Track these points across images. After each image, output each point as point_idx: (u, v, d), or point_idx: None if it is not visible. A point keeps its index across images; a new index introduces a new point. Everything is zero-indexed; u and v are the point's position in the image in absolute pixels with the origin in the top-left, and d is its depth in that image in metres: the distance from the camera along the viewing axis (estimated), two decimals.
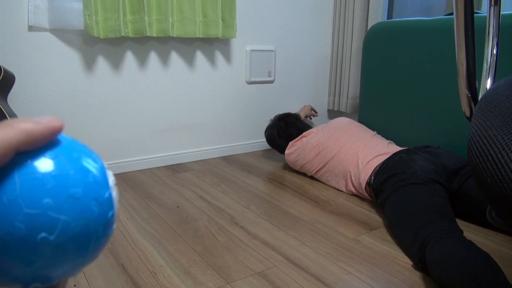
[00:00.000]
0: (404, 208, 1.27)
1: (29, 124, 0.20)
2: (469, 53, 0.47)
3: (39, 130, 0.21)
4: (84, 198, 0.22)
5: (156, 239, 1.30)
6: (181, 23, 1.89)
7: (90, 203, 0.22)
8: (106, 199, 0.23)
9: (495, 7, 0.59)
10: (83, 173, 0.22)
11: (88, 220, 0.22)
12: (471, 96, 0.51)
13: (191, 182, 1.84)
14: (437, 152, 1.48)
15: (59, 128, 0.22)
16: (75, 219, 0.21)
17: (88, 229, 0.22)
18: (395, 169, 1.42)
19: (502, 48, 1.36)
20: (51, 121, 0.21)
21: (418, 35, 1.77)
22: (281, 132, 2.02)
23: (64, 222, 0.21)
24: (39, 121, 0.21)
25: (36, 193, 0.20)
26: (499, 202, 0.34)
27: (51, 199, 0.20)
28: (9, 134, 0.19)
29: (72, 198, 0.21)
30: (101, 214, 0.22)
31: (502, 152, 0.33)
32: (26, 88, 1.68)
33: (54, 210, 0.20)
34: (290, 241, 1.28)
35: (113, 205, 0.24)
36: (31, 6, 1.60)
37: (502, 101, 0.38)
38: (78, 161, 0.22)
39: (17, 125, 0.20)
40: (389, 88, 1.94)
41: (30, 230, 0.20)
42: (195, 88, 2.11)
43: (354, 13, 2.31)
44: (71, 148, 0.23)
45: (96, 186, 0.22)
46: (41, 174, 0.21)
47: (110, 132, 1.91)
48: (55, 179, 0.21)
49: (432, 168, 1.36)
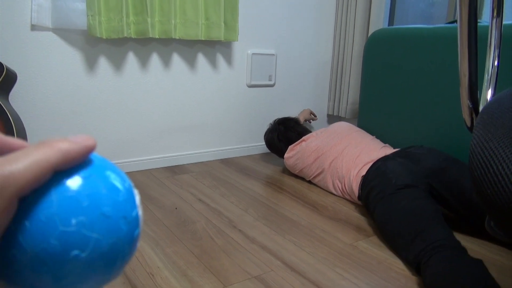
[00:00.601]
0: (390, 222, 1.28)
1: (66, 144, 0.21)
2: (472, 63, 0.48)
3: (76, 150, 0.21)
4: (115, 216, 0.22)
5: (154, 240, 1.30)
6: (184, 25, 1.90)
7: (119, 222, 0.22)
8: (133, 218, 0.23)
9: (497, 19, 0.60)
10: (113, 192, 0.23)
11: (117, 239, 0.22)
12: (473, 106, 0.52)
13: (190, 184, 1.84)
14: (418, 154, 1.48)
15: (93, 147, 0.22)
16: (105, 237, 0.21)
17: (116, 247, 0.22)
18: (372, 181, 1.44)
19: (503, 59, 1.36)
20: (86, 140, 0.22)
21: (419, 43, 1.78)
22: (281, 136, 2.02)
23: (96, 240, 0.21)
24: (75, 140, 0.22)
25: (71, 211, 0.21)
26: (499, 213, 0.35)
27: (85, 217, 0.21)
28: (48, 154, 0.20)
29: (103, 217, 0.22)
30: (128, 233, 0.23)
31: (503, 164, 0.34)
32: (27, 87, 1.68)
33: (87, 228, 0.21)
34: (287, 246, 1.28)
35: (139, 224, 0.24)
36: (35, 5, 1.60)
37: (504, 114, 0.38)
38: (109, 180, 0.23)
39: (56, 145, 0.21)
40: (389, 95, 1.95)
41: (64, 247, 0.20)
42: (195, 90, 2.11)
43: (355, 19, 2.33)
44: (102, 167, 0.23)
45: (125, 205, 0.23)
46: (76, 193, 0.21)
47: (110, 132, 1.91)
48: (88, 198, 0.21)
49: (406, 173, 1.37)
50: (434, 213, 1.20)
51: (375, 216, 1.37)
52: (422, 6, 2.58)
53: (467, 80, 0.50)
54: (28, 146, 0.21)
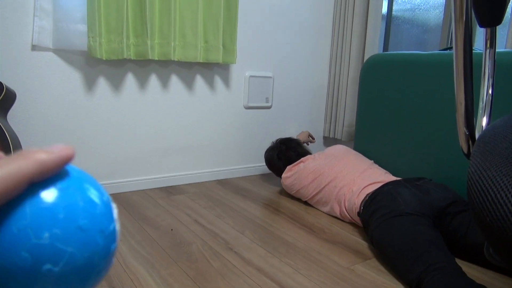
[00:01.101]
0: (392, 242, 1.28)
1: (43, 155, 0.20)
2: (468, 92, 0.49)
3: (53, 160, 0.21)
4: (91, 230, 0.21)
5: (149, 262, 1.28)
6: (183, 48, 1.93)
7: (96, 236, 0.22)
8: (110, 232, 0.23)
9: (490, 50, 0.62)
10: (91, 205, 0.22)
11: (92, 253, 0.21)
12: (469, 133, 0.53)
13: (186, 205, 1.83)
14: (427, 188, 1.48)
15: (70, 156, 0.22)
16: (81, 251, 0.21)
17: (91, 261, 0.21)
18: (380, 202, 1.44)
19: (497, 84, 1.40)
20: (63, 150, 0.21)
21: (414, 68, 1.82)
22: (281, 155, 2.04)
23: (70, 254, 0.20)
24: (51, 151, 0.21)
25: (46, 223, 0.20)
26: (498, 240, 0.35)
27: (59, 230, 0.20)
28: (23, 166, 0.19)
29: (80, 230, 0.21)
30: (105, 247, 0.22)
31: (501, 192, 0.35)
32: (26, 106, 1.68)
33: (61, 241, 0.20)
34: (284, 268, 1.27)
35: (115, 238, 0.24)
36: (37, 26, 1.62)
37: (500, 142, 0.40)
38: (87, 193, 0.22)
39: (32, 156, 0.20)
40: (385, 118, 1.97)
41: (36, 261, 0.19)
42: (193, 111, 2.13)
43: (351, 44, 2.38)
44: (80, 179, 0.23)
45: (102, 219, 0.22)
46: (51, 204, 0.20)
47: (106, 151, 1.91)
48: (64, 210, 0.21)
49: (416, 205, 1.37)
50: (436, 239, 1.21)
51: (375, 235, 1.36)
52: (415, 32, 2.65)
53: (463, 108, 0.51)
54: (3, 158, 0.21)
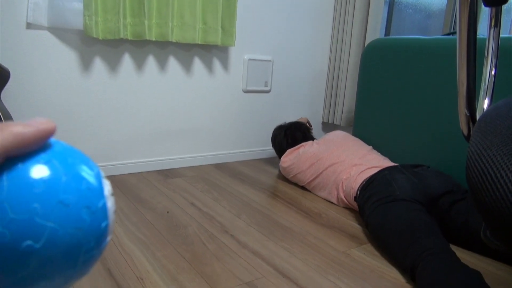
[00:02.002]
0: (386, 227, 1.28)
1: (19, 127, 0.19)
2: (470, 73, 0.48)
3: (30, 133, 0.20)
4: (75, 205, 0.20)
5: (145, 244, 1.28)
6: (181, 29, 1.89)
7: (81, 211, 0.21)
8: (99, 209, 0.22)
9: (495, 29, 0.60)
10: (76, 179, 0.21)
11: (78, 229, 0.20)
12: (470, 115, 0.52)
13: (183, 188, 1.82)
14: (424, 175, 1.47)
15: (51, 130, 0.21)
16: (63, 227, 0.20)
17: (77, 238, 0.20)
18: (375, 187, 1.44)
19: (500, 69, 1.38)
20: (42, 124, 0.20)
21: (415, 53, 1.80)
22: (288, 132, 2.05)
23: (52, 230, 0.19)
24: (30, 124, 0.20)
25: (24, 197, 0.19)
26: (496, 221, 0.34)
27: (39, 204, 0.19)
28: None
29: (61, 205, 0.20)
30: (93, 224, 0.21)
31: (501, 172, 0.34)
32: (21, 85, 1.66)
33: (41, 217, 0.19)
34: (280, 252, 1.27)
35: (107, 216, 0.22)
36: (31, 3, 1.59)
37: (502, 122, 0.38)
38: (72, 167, 0.21)
39: (7, 129, 0.19)
40: (385, 104, 1.95)
41: (15, 236, 0.19)
42: (191, 93, 2.11)
43: (352, 28, 2.34)
44: (65, 153, 0.22)
45: (89, 194, 0.21)
46: (30, 179, 0.19)
47: (103, 133, 1.90)
48: (45, 184, 0.20)
49: (410, 191, 1.37)
50: (430, 224, 1.21)
51: (370, 220, 1.37)
52: (418, 17, 2.61)
53: (465, 89, 0.50)
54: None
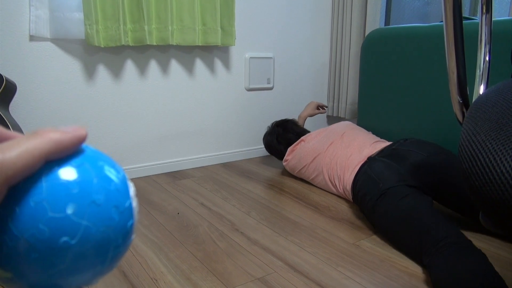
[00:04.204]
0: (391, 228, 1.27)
1: (57, 134, 0.21)
2: (459, 60, 0.49)
3: (67, 139, 0.22)
4: (106, 205, 0.22)
5: (157, 245, 1.30)
6: (181, 32, 1.91)
7: (111, 211, 0.22)
8: (126, 208, 0.24)
9: (486, 15, 0.61)
10: (105, 181, 0.23)
11: (108, 227, 0.22)
12: (463, 101, 0.53)
13: (192, 189, 1.85)
14: (403, 150, 1.45)
15: (84, 136, 0.23)
16: (96, 225, 0.22)
17: (108, 236, 0.22)
18: (362, 188, 1.43)
19: (494, 54, 1.37)
20: (77, 130, 0.23)
21: (415, 41, 1.79)
22: (280, 138, 2.01)
23: (86, 228, 0.21)
24: (66, 130, 0.22)
25: (61, 198, 0.21)
26: (487, 204, 0.35)
27: (74, 204, 0.21)
28: (39, 144, 0.20)
29: (94, 205, 0.22)
30: (121, 222, 0.23)
31: (489, 156, 0.35)
32: (27, 97, 1.69)
33: (76, 215, 0.21)
34: (290, 247, 1.29)
35: (132, 215, 0.24)
36: (33, 16, 1.62)
37: (491, 108, 0.39)
38: (101, 169, 0.23)
39: (47, 135, 0.21)
40: (387, 93, 1.96)
41: (53, 233, 0.20)
42: (194, 95, 2.13)
43: (351, 19, 2.34)
44: (95, 157, 0.24)
45: (117, 195, 0.23)
46: (66, 181, 0.21)
47: (110, 139, 1.93)
48: (79, 185, 0.22)
49: (390, 175, 1.35)
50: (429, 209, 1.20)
51: (374, 222, 1.38)
52: (417, 4, 2.60)
53: (456, 76, 0.51)
54: (20, 136, 0.21)
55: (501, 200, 0.33)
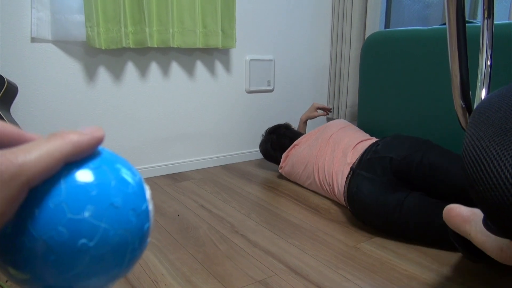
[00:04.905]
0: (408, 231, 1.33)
1: (76, 135, 0.21)
2: (462, 64, 0.49)
3: (86, 141, 0.22)
4: (123, 208, 0.22)
5: (158, 248, 1.30)
6: (182, 34, 1.92)
7: (128, 213, 0.22)
8: (143, 211, 0.24)
9: (488, 20, 0.61)
10: (123, 184, 0.23)
11: (126, 230, 0.22)
12: (465, 106, 0.53)
13: (192, 191, 1.85)
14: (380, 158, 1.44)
15: (102, 137, 0.23)
16: (114, 228, 0.22)
17: (125, 239, 0.22)
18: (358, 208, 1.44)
19: (496, 58, 1.38)
20: (95, 132, 0.23)
21: (415, 44, 1.80)
22: (275, 145, 2.01)
23: (104, 230, 0.21)
24: (85, 132, 0.22)
25: (80, 200, 0.21)
26: (492, 209, 0.36)
27: (93, 206, 0.21)
28: (59, 146, 0.20)
29: (112, 207, 0.22)
30: (138, 225, 0.23)
31: (494, 162, 0.35)
32: (28, 99, 1.69)
33: (95, 217, 0.21)
34: (290, 249, 1.29)
35: (149, 218, 0.24)
36: (34, 18, 1.62)
37: (494, 113, 0.39)
38: (119, 172, 0.23)
39: (67, 137, 0.21)
40: (387, 96, 1.96)
41: (72, 235, 0.20)
42: (195, 97, 2.13)
43: (351, 22, 2.35)
44: (112, 159, 0.24)
45: (134, 197, 0.23)
46: (85, 182, 0.21)
47: (110, 141, 1.93)
48: (97, 188, 0.22)
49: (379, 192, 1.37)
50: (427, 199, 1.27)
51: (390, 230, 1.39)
52: (417, 8, 2.60)
53: (459, 80, 0.51)
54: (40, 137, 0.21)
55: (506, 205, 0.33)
